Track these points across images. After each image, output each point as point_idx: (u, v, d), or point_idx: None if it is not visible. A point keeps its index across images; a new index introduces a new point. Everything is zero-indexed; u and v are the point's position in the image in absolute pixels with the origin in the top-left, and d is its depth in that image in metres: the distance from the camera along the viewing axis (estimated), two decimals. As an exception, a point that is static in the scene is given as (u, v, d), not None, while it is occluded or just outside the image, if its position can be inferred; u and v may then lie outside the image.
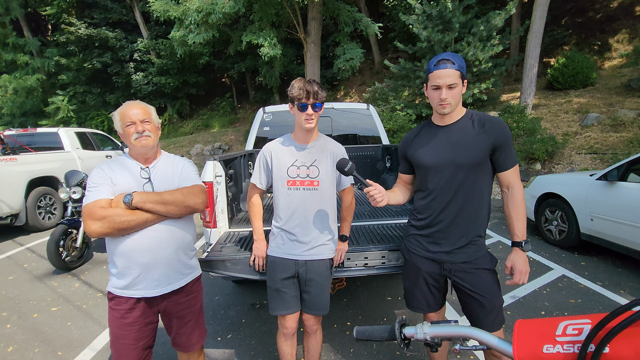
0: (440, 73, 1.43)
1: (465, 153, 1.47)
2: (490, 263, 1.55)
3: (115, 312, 1.51)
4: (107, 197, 1.44)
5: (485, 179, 1.52)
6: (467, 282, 1.52)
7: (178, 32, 9.68)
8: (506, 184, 1.53)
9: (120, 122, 1.49)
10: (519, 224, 1.50)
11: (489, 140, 1.45)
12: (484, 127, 1.47)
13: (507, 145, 1.48)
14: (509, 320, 2.73)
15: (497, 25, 8.64)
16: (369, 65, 15.52)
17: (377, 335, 0.77)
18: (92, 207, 1.39)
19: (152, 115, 1.56)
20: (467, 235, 1.52)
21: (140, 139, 1.48)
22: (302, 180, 1.73)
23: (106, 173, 1.49)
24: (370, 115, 4.41)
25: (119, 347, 1.52)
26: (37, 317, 3.06)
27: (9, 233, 5.78)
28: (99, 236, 1.40)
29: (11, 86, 15.80)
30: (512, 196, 1.51)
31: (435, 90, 1.47)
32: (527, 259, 1.49)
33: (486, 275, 1.53)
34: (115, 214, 1.38)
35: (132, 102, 1.55)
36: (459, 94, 1.46)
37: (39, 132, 6.97)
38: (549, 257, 3.99)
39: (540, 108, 9.26)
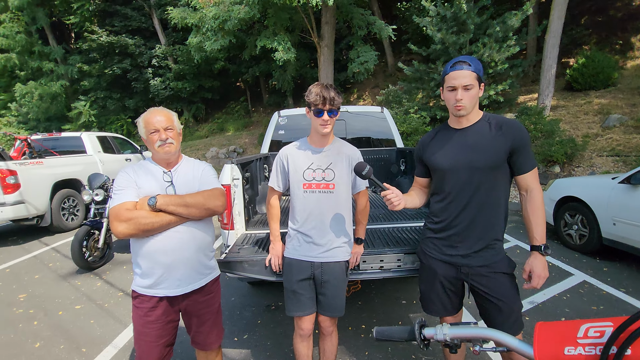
0: (456, 74, 1.44)
1: (482, 156, 1.45)
2: (509, 267, 1.54)
3: (139, 310, 1.58)
4: (133, 199, 1.50)
5: (502, 182, 1.51)
6: (484, 286, 1.51)
7: (195, 38, 9.91)
8: (525, 187, 1.51)
9: (145, 129, 1.55)
10: (538, 228, 1.47)
11: (506, 143, 1.44)
12: (501, 130, 1.46)
13: (525, 148, 1.46)
14: (527, 326, 2.68)
15: (513, 26, 8.50)
16: (382, 67, 15.48)
17: (396, 336, 0.79)
18: (119, 209, 1.46)
19: (175, 122, 1.61)
20: (485, 238, 1.50)
21: (163, 146, 1.54)
22: (318, 183, 1.75)
23: (131, 177, 1.55)
24: (385, 119, 4.41)
25: (142, 343, 1.58)
26: (62, 315, 3.18)
27: (34, 233, 6.02)
28: (125, 237, 1.46)
29: (37, 92, 16.45)
30: (531, 199, 1.49)
31: (451, 91, 1.47)
32: (547, 263, 1.47)
33: (504, 279, 1.51)
34: (140, 215, 1.45)
35: (155, 109, 1.61)
36: (475, 96, 1.45)
37: (63, 136, 7.24)
38: (569, 262, 3.90)
39: (559, 109, 9.05)
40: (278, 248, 1.92)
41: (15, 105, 18.22)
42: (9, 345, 2.74)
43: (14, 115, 18.86)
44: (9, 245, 5.49)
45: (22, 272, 4.29)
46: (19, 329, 2.97)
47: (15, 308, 3.35)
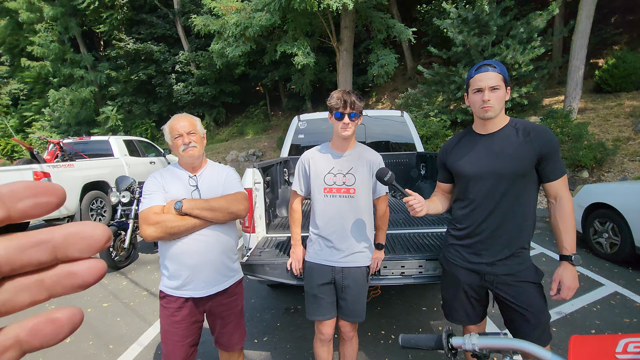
0: (482, 76, 1.43)
1: (508, 163, 1.42)
2: (536, 276, 1.50)
3: (166, 310, 1.64)
4: (160, 203, 1.56)
5: (530, 189, 1.47)
6: (510, 295, 1.47)
7: (217, 45, 10.15)
8: (553, 194, 1.48)
9: (170, 134, 1.62)
10: (567, 237, 1.43)
11: (534, 150, 1.40)
12: (529, 136, 1.42)
13: (554, 155, 1.42)
14: (555, 338, 2.58)
15: (538, 27, 8.27)
16: (402, 71, 15.36)
17: (423, 344, 0.79)
18: (147, 213, 1.53)
19: (197, 127, 1.66)
20: (511, 246, 1.47)
21: (187, 150, 1.60)
22: (339, 188, 1.76)
23: (159, 181, 1.62)
24: (405, 123, 4.37)
25: (169, 342, 1.63)
26: (90, 312, 3.31)
27: (65, 233, 6.30)
28: (153, 239, 1.52)
29: (68, 98, 17.26)
30: (561, 207, 1.45)
31: (477, 93, 1.45)
32: (577, 274, 1.42)
33: (531, 289, 1.47)
34: (167, 219, 1.50)
35: (179, 115, 1.67)
36: (502, 98, 1.43)
37: (92, 140, 7.56)
38: (599, 272, 3.73)
39: (587, 112, 8.71)
40: (299, 252, 1.94)
41: (49, 110, 19.19)
42: (42, 339, 2.87)
43: (47, 119, 19.85)
44: (41, 243, 5.77)
45: (53, 269, 4.50)
46: (51, 324, 3.11)
47: (48, 304, 3.51)
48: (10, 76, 22.43)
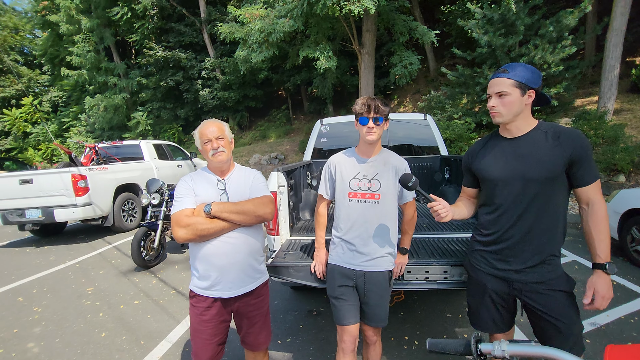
0: (492, 82, 1.45)
1: (536, 167, 1.39)
2: (567, 284, 1.45)
3: (196, 309, 1.70)
4: (191, 206, 1.63)
5: (560, 194, 1.42)
6: (540, 304, 1.43)
7: (242, 51, 10.41)
8: (585, 200, 1.42)
9: (199, 139, 1.68)
10: (601, 244, 1.37)
11: (564, 153, 1.36)
12: (558, 140, 1.38)
13: (586, 159, 1.38)
14: (589, 350, 2.47)
15: (569, 25, 7.94)
16: (424, 73, 15.14)
17: (451, 349, 0.79)
18: (179, 216, 1.59)
19: (226, 132, 1.71)
20: (540, 253, 1.43)
21: (215, 154, 1.65)
22: (364, 193, 1.77)
23: (189, 185, 1.69)
24: (428, 125, 4.33)
25: (198, 340, 1.70)
26: (123, 308, 3.48)
27: (99, 232, 6.64)
28: (185, 241, 1.60)
29: (102, 104, 18.20)
30: (593, 213, 1.39)
31: (490, 98, 1.48)
32: (611, 283, 1.36)
33: (562, 298, 1.42)
34: (197, 222, 1.57)
35: (208, 121, 1.71)
36: (511, 103, 1.40)
37: (124, 144, 7.94)
38: (637, 281, 3.53)
39: (623, 113, 8.27)
40: (322, 255, 1.97)
41: (84, 116, 20.31)
42: (80, 333, 3.05)
43: (83, 125, 21.00)
44: (78, 242, 6.11)
45: (89, 267, 4.75)
46: (87, 319, 3.30)
47: (85, 300, 3.72)
48: (51, 84, 23.97)
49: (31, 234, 6.74)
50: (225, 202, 1.65)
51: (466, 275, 1.76)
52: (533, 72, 1.41)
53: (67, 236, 6.67)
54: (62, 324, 3.23)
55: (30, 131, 22.84)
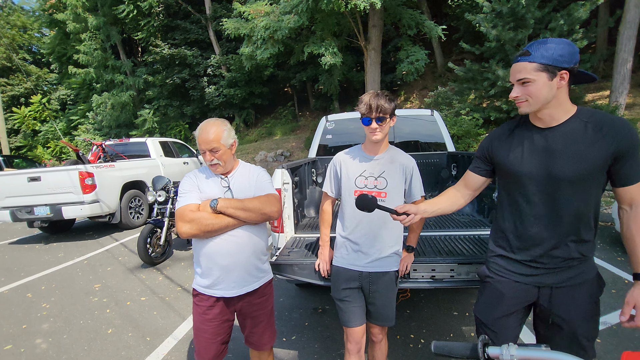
0: (513, 67, 1.23)
1: (572, 165, 1.19)
2: (598, 290, 1.30)
3: (199, 308, 1.68)
4: (196, 202, 1.61)
5: (597, 193, 1.25)
6: (566, 312, 1.29)
7: (247, 48, 10.40)
8: (629, 201, 1.23)
9: (198, 145, 1.63)
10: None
11: (608, 148, 1.16)
12: (601, 132, 1.18)
13: (633, 154, 1.18)
14: (600, 351, 2.42)
15: (580, 18, 7.78)
16: (431, 68, 14.98)
17: (457, 352, 0.76)
18: (184, 211, 1.57)
19: (222, 140, 1.60)
20: (573, 258, 1.27)
21: (211, 166, 1.65)
22: (370, 191, 1.74)
23: (194, 181, 1.67)
24: (435, 122, 4.26)
25: (201, 339, 1.69)
26: (129, 305, 3.50)
27: (106, 229, 6.71)
28: (189, 236, 1.57)
29: (109, 102, 18.40)
30: (637, 216, 1.20)
31: (513, 86, 1.26)
32: None
33: (590, 306, 1.28)
34: (202, 217, 1.55)
35: (207, 124, 1.62)
36: (537, 91, 1.18)
37: (131, 141, 7.99)
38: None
39: (636, 108, 8.09)
40: (326, 253, 1.94)
41: (92, 114, 20.54)
42: (87, 329, 3.08)
43: (91, 123, 21.26)
44: (86, 239, 6.19)
45: (97, 264, 4.80)
46: (95, 315, 3.33)
47: (92, 296, 3.76)
48: (59, 83, 24.27)
49: (40, 231, 6.83)
50: (231, 199, 1.63)
51: (473, 273, 1.68)
52: (564, 48, 1.15)
53: (76, 233, 6.75)
54: (69, 320, 3.26)
55: (39, 129, 23.21)
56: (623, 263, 3.87)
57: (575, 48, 1.18)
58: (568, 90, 1.23)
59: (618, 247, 4.35)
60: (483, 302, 1.45)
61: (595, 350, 1.36)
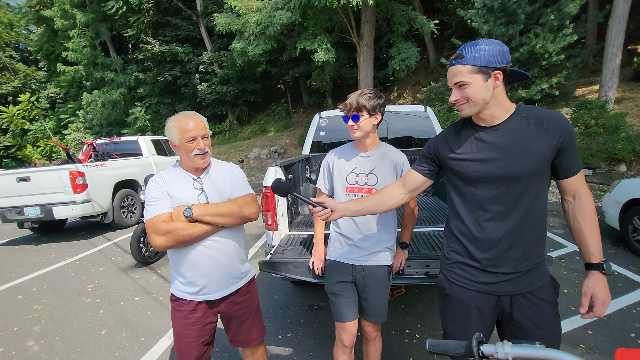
0: (449, 71, 1.22)
1: (522, 161, 1.18)
2: (555, 292, 1.30)
3: (179, 313, 1.60)
4: (167, 211, 1.48)
5: (545, 189, 1.25)
6: (527, 317, 1.27)
7: (239, 44, 10.29)
8: (572, 192, 1.25)
9: (180, 135, 1.48)
10: (594, 241, 1.20)
11: (551, 142, 1.17)
12: (543, 126, 1.19)
13: (573, 146, 1.20)
14: (590, 341, 2.46)
15: (570, 13, 7.83)
16: (424, 64, 15.01)
17: (451, 350, 0.76)
18: (155, 222, 1.44)
19: (208, 128, 1.56)
20: (529, 259, 1.25)
21: (201, 156, 1.51)
22: (361, 187, 1.76)
23: (162, 187, 1.52)
24: (428, 117, 4.27)
25: (182, 344, 1.60)
26: (123, 305, 3.47)
27: (99, 229, 6.63)
28: (164, 249, 1.46)
29: (100, 100, 18.13)
30: (582, 206, 1.23)
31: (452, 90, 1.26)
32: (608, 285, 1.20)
33: (549, 308, 1.27)
34: (178, 227, 1.43)
35: (188, 113, 1.54)
36: (476, 92, 1.17)
37: (122, 140, 7.89)
38: (639, 271, 3.51)
39: (625, 102, 8.20)
40: (320, 251, 1.94)
41: (82, 113, 20.22)
42: (79, 331, 3.04)
43: (81, 121, 20.94)
44: (78, 239, 6.11)
45: (89, 264, 4.75)
46: (87, 316, 3.29)
47: (85, 297, 3.72)
48: (48, 81, 23.86)
49: (31, 232, 6.73)
50: (207, 204, 1.52)
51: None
52: (494, 49, 1.16)
53: (67, 233, 6.66)
54: (62, 321, 3.22)
55: (28, 128, 22.81)
56: (613, 255, 3.94)
57: (506, 48, 1.19)
58: (505, 89, 1.24)
59: (608, 239, 4.42)
60: (450, 318, 1.40)
61: (587, 341, 1.36)
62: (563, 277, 3.48)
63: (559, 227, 4.97)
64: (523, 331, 1.29)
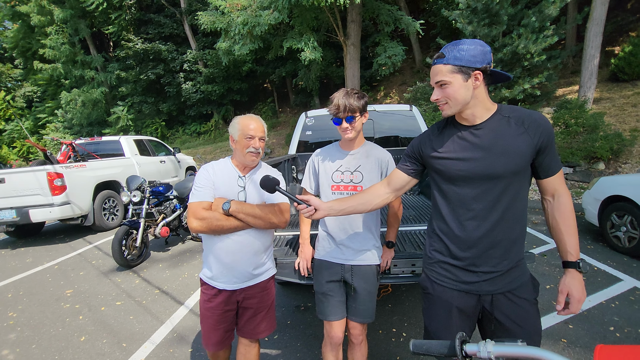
0: (431, 72, 1.23)
1: (503, 160, 1.20)
2: (535, 290, 1.32)
3: (204, 295, 1.76)
4: (210, 200, 1.65)
5: (525, 188, 1.26)
6: (508, 316, 1.28)
7: (224, 43, 10.16)
8: (551, 191, 1.27)
9: (240, 132, 1.66)
10: (572, 240, 1.22)
11: (532, 141, 1.19)
12: (523, 125, 1.21)
13: (553, 146, 1.23)
14: (571, 335, 2.52)
15: (550, 15, 8.02)
16: (410, 64, 15.16)
17: (435, 350, 0.76)
18: (197, 207, 1.61)
19: (266, 133, 1.74)
20: (509, 258, 1.26)
21: (253, 154, 1.67)
22: (346, 185, 1.75)
23: (210, 176, 1.69)
24: (414, 117, 4.30)
25: (205, 324, 1.76)
26: (104, 310, 3.36)
27: (79, 232, 6.42)
28: (197, 232, 1.64)
29: (80, 99, 17.59)
30: (560, 205, 1.25)
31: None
32: (584, 282, 1.22)
33: (529, 306, 1.29)
34: (214, 217, 1.60)
35: (252, 116, 1.71)
36: (455, 93, 1.19)
37: (103, 140, 7.67)
38: (617, 266, 3.62)
39: (603, 102, 8.46)
40: (307, 252, 1.92)
41: (61, 112, 19.59)
42: (57, 338, 2.93)
43: (60, 121, 20.28)
44: (57, 243, 5.90)
45: (69, 268, 4.59)
46: (66, 322, 3.18)
47: (63, 303, 3.59)
48: (24, 79, 23.02)
49: (6, 236, 6.47)
50: (244, 203, 1.66)
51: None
52: (475, 49, 1.16)
53: (46, 237, 6.43)
54: (39, 329, 3.10)
55: (3, 128, 21.94)
56: (592, 251, 4.05)
57: (487, 48, 1.19)
58: (487, 89, 1.25)
59: (588, 235, 4.55)
60: (432, 317, 1.41)
61: (568, 335, 1.39)
62: (545, 273, 3.55)
63: (541, 224, 5.09)
64: (504, 329, 1.30)
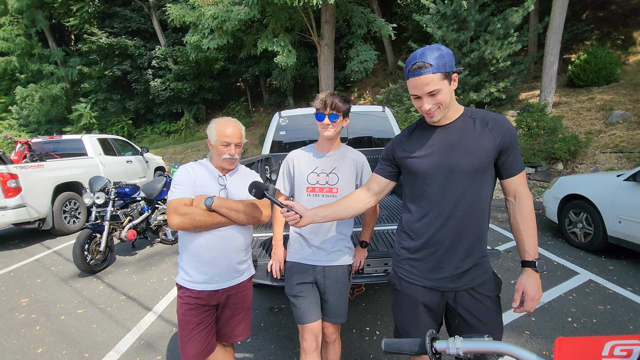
0: (417, 82, 1.21)
1: (467, 157, 1.25)
2: (497, 288, 1.36)
3: (182, 299, 1.70)
4: (190, 196, 1.63)
5: (489, 187, 1.31)
6: (473, 312, 1.32)
7: (193, 36, 9.87)
8: (513, 192, 1.32)
9: (217, 137, 1.65)
10: (530, 240, 1.26)
11: (494, 141, 1.25)
12: (487, 127, 1.27)
13: (515, 147, 1.28)
14: (534, 327, 2.65)
15: (514, 23, 8.44)
16: (383, 66, 15.44)
17: (406, 349, 0.76)
18: (178, 204, 1.59)
19: (243, 138, 1.72)
20: (472, 255, 1.30)
21: (229, 160, 1.68)
22: (322, 187, 1.75)
23: (190, 175, 1.67)
24: (386, 118, 4.37)
25: (183, 333, 1.69)
26: (64, 319, 3.16)
27: (36, 236, 6.01)
28: (178, 229, 1.59)
29: (37, 95, 16.46)
30: (521, 206, 1.30)
31: (417, 99, 1.26)
32: (540, 281, 1.26)
33: (491, 303, 1.33)
34: (196, 212, 1.57)
35: (231, 120, 1.70)
36: (445, 96, 1.22)
37: (63, 139, 7.22)
38: (574, 260, 3.86)
39: (561, 106, 9.00)
40: (280, 253, 1.89)
41: (16, 108, 18.25)
42: (11, 351, 2.72)
43: (14, 118, 18.88)
44: (11, 248, 5.49)
45: (24, 276, 4.28)
46: (21, 334, 2.96)
47: (18, 313, 3.34)
48: (-27, 72, 21.18)
49: (-47, 242, 5.94)
50: (226, 198, 1.66)
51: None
52: (449, 54, 1.22)
53: (-2, 242, 5.97)
54: (-11, 342, 2.86)
55: (-50, 125, 20.14)
56: (552, 247, 4.30)
57: (451, 51, 1.26)
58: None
59: (548, 232, 4.82)
60: (400, 313, 1.44)
61: (531, 327, 1.45)
62: (510, 269, 3.72)
63: (507, 222, 5.33)
64: (467, 325, 1.34)
